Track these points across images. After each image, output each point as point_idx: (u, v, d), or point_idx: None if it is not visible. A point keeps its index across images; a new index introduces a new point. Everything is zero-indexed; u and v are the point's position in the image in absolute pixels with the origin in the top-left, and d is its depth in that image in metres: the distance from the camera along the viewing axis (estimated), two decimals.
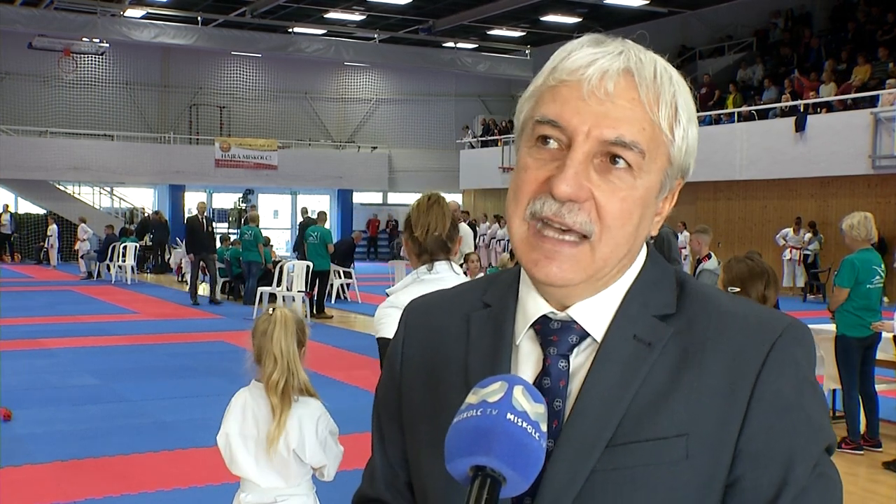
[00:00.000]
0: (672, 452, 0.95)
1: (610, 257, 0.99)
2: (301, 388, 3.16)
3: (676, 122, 1.00)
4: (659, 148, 0.99)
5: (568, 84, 0.98)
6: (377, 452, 1.18)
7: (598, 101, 0.96)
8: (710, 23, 26.64)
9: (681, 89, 1.01)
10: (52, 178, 28.77)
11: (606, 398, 0.98)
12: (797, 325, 1.01)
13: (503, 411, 0.85)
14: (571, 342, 1.02)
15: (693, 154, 1.04)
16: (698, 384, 0.97)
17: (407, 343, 1.16)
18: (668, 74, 1.01)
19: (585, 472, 0.96)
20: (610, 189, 0.97)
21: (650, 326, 1.01)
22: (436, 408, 1.05)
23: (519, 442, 0.84)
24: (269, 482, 3.13)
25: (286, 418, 3.08)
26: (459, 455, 0.84)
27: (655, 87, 0.98)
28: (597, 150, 0.97)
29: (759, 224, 20.96)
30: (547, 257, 0.97)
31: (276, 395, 3.09)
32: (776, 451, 0.95)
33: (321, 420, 3.16)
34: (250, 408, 3.18)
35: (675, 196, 1.06)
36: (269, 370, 3.11)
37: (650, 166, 0.98)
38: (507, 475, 0.84)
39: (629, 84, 0.97)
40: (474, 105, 34.05)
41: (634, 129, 0.96)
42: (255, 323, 3.26)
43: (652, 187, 1.00)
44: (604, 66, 0.97)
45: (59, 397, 8.26)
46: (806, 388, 0.98)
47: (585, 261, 0.98)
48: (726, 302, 1.04)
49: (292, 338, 3.17)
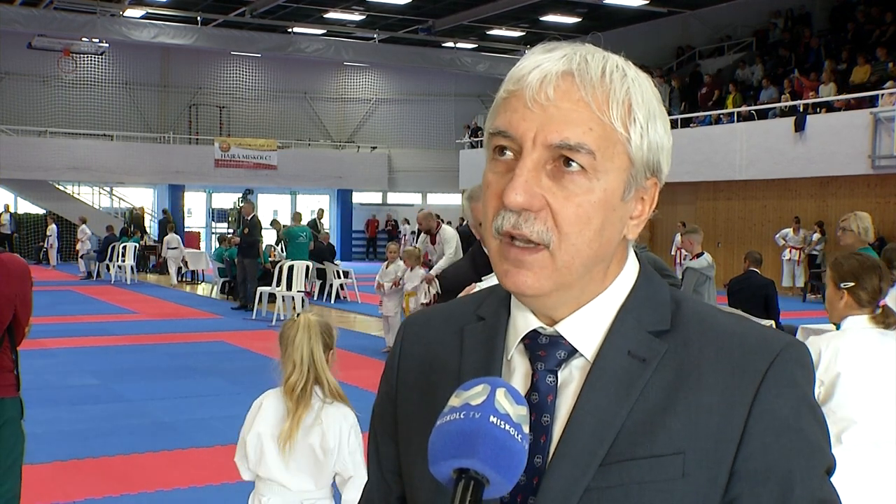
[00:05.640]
0: (668, 471, 0.94)
1: (572, 263, 0.97)
2: (333, 393, 3.17)
3: (631, 120, 0.97)
4: (614, 147, 0.96)
5: (515, 94, 0.98)
6: (373, 467, 1.18)
7: (540, 107, 0.95)
8: (709, 23, 26.62)
9: (636, 87, 0.98)
10: (52, 178, 28.76)
11: (601, 415, 0.97)
12: (796, 344, 1.00)
13: (486, 414, 0.85)
14: (559, 357, 1.01)
15: (663, 152, 1.01)
16: (695, 402, 0.96)
17: (403, 356, 1.16)
18: (622, 73, 0.98)
19: (580, 491, 0.95)
20: (564, 195, 0.95)
21: (644, 342, 1.00)
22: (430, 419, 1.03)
23: (502, 444, 0.84)
24: (299, 485, 3.11)
25: (301, 421, 3.08)
26: (443, 458, 0.85)
27: (603, 86, 0.96)
28: (547, 156, 0.95)
29: (759, 224, 20.96)
30: (515, 267, 0.97)
31: (292, 398, 3.09)
32: (774, 471, 0.94)
33: (354, 429, 3.16)
34: (280, 410, 3.18)
35: (655, 198, 1.04)
36: (288, 373, 3.12)
37: (606, 166, 0.96)
38: (490, 477, 0.84)
39: (570, 86, 0.96)
40: (474, 105, 34.03)
41: (579, 131, 0.94)
42: (281, 328, 3.27)
43: (612, 189, 0.97)
44: (543, 70, 0.96)
45: (59, 397, 8.26)
46: (804, 408, 0.97)
47: (549, 268, 0.96)
48: (723, 320, 1.02)
49: (317, 342, 3.16)
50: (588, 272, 0.99)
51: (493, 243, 0.99)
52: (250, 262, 15.71)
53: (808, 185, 19.73)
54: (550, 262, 0.96)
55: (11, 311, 3.66)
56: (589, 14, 26.29)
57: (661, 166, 1.02)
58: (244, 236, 15.69)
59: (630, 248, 1.06)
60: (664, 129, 1.01)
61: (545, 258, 0.96)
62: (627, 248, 1.06)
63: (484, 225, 1.01)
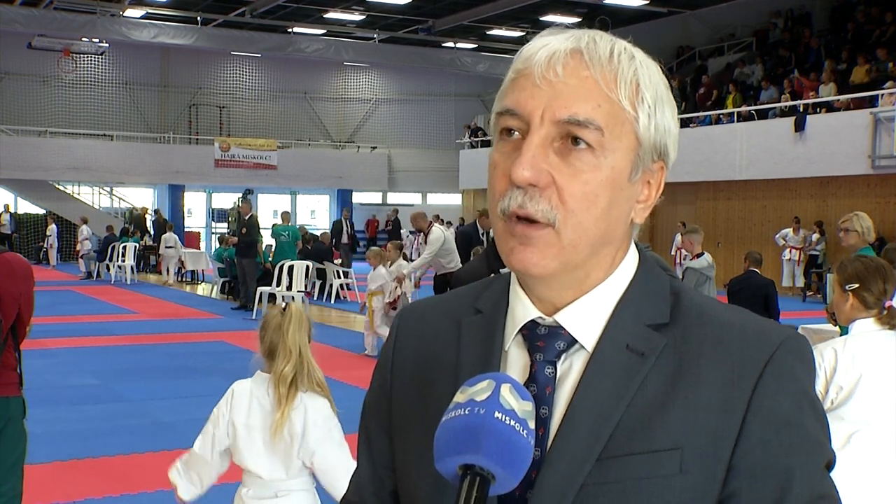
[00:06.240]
0: (666, 466, 0.93)
1: (579, 242, 0.96)
2: (316, 383, 3.18)
3: (639, 99, 0.97)
4: (622, 126, 0.96)
5: (524, 73, 0.98)
6: (364, 460, 1.17)
7: (549, 84, 0.95)
8: (709, 23, 26.63)
9: (644, 69, 0.99)
10: (52, 178, 28.75)
11: (598, 409, 0.96)
12: (796, 337, 0.98)
13: (491, 410, 0.85)
14: (558, 348, 1.00)
15: (670, 137, 1.01)
16: (694, 396, 0.95)
17: (398, 349, 1.15)
18: (630, 55, 0.98)
19: (577, 486, 0.94)
20: (571, 172, 0.95)
21: (643, 336, 0.99)
22: (427, 413, 1.04)
23: (507, 440, 0.84)
24: (272, 473, 3.13)
25: (290, 408, 3.09)
26: (448, 454, 0.85)
27: (612, 65, 0.96)
28: (555, 133, 0.95)
29: (759, 224, 20.96)
30: (521, 244, 0.96)
31: (284, 386, 3.10)
32: (773, 466, 0.93)
33: (327, 420, 3.16)
34: (256, 399, 3.18)
35: (662, 183, 1.03)
36: (283, 364, 3.11)
37: (614, 144, 0.96)
38: (496, 473, 0.84)
39: (579, 63, 0.96)
40: (474, 105, 34.03)
41: (588, 107, 0.94)
42: (264, 318, 3.25)
43: (620, 168, 0.96)
44: (552, 48, 0.97)
45: (59, 397, 8.26)
46: (805, 402, 0.95)
47: (555, 246, 0.96)
48: (723, 312, 1.01)
49: (305, 333, 3.19)
50: (595, 254, 0.99)
51: (498, 224, 0.99)
52: (249, 261, 15.69)
53: (808, 185, 19.73)
54: (556, 239, 0.95)
55: (16, 309, 3.68)
56: (589, 14, 26.29)
57: (668, 150, 1.01)
58: (242, 236, 15.68)
59: (633, 238, 1.06)
60: (672, 115, 1.01)
61: (551, 235, 0.95)
62: (632, 236, 1.05)
63: (490, 206, 1.00)
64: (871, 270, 3.48)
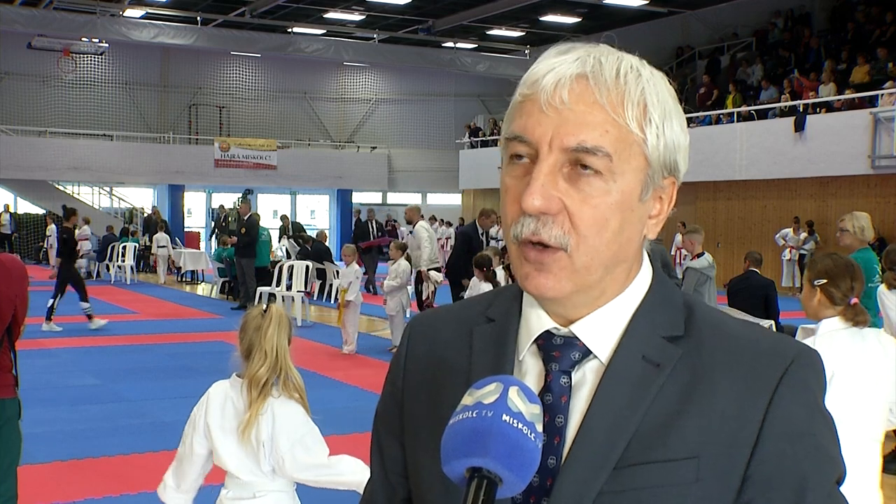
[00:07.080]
0: (682, 475, 0.94)
1: (591, 265, 0.97)
2: (293, 387, 3.11)
3: (647, 120, 0.97)
4: (631, 148, 0.97)
5: (530, 97, 0.98)
6: (376, 468, 1.17)
7: (555, 111, 0.95)
8: (709, 23, 26.62)
9: (651, 87, 0.98)
10: (52, 178, 28.76)
11: (615, 419, 0.97)
12: (809, 351, 1.00)
13: (499, 412, 0.85)
14: (573, 359, 1.01)
15: (680, 151, 1.01)
16: (709, 407, 0.96)
17: (409, 357, 1.15)
18: (636, 73, 0.98)
19: (593, 494, 0.95)
20: (581, 197, 0.95)
21: (659, 347, 1.00)
22: (437, 419, 1.03)
23: (515, 443, 0.84)
24: (249, 474, 3.09)
25: (259, 411, 3.03)
26: (456, 456, 0.85)
27: (618, 87, 0.96)
28: (563, 160, 0.95)
29: (759, 224, 20.96)
30: (536, 270, 0.97)
31: (256, 389, 3.04)
32: (788, 477, 0.94)
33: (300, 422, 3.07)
34: (231, 401, 3.14)
35: (674, 197, 1.04)
36: (258, 366, 3.05)
37: (623, 168, 0.96)
38: (503, 476, 0.84)
39: (584, 89, 0.96)
40: (474, 105, 34.03)
41: (596, 133, 0.95)
42: (244, 318, 3.20)
43: (630, 190, 0.97)
44: (558, 74, 0.96)
45: (59, 397, 8.26)
46: (818, 415, 0.97)
47: (568, 269, 0.96)
48: (736, 326, 1.03)
49: (285, 335, 3.13)
50: (609, 273, 1.00)
51: (511, 248, 1.00)
52: (248, 261, 15.67)
53: (808, 185, 19.73)
54: (569, 263, 0.96)
55: (11, 310, 3.68)
56: (589, 14, 26.28)
57: (678, 165, 1.02)
58: (241, 236, 15.67)
59: (645, 252, 1.06)
60: (680, 128, 1.01)
61: (564, 259, 0.96)
62: (643, 250, 1.05)
63: (503, 229, 1.02)
64: (840, 268, 3.54)
